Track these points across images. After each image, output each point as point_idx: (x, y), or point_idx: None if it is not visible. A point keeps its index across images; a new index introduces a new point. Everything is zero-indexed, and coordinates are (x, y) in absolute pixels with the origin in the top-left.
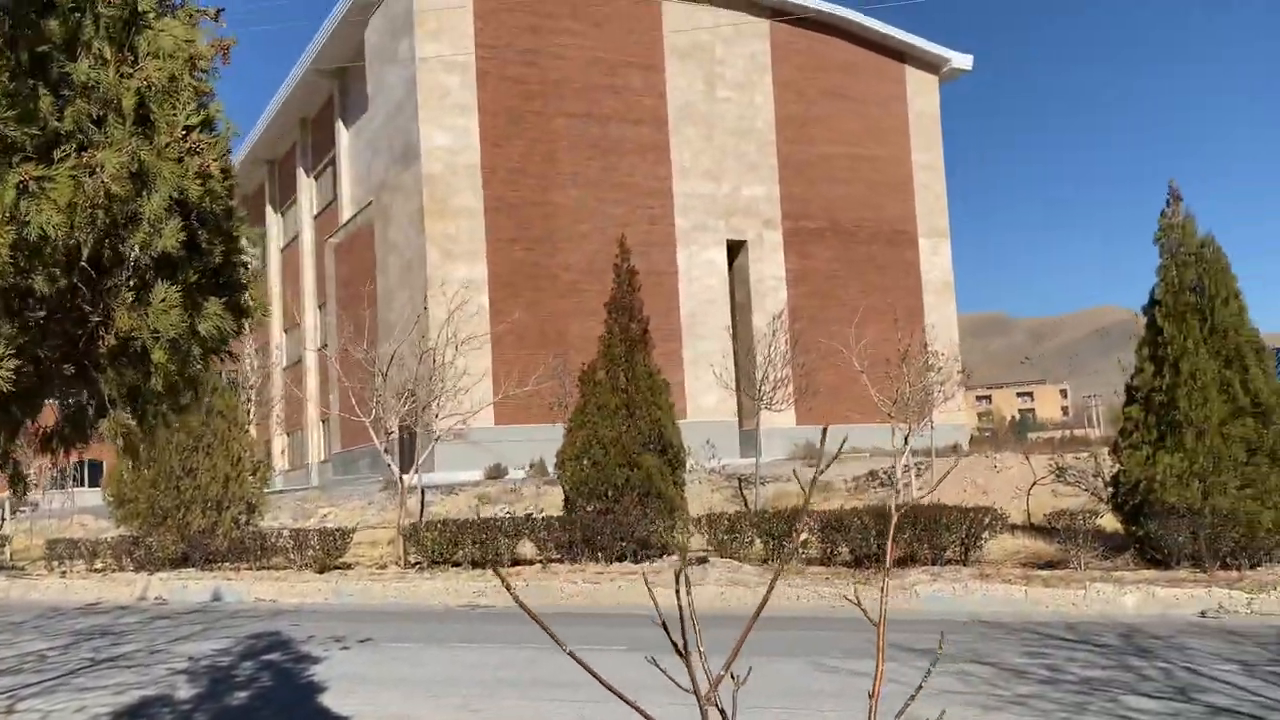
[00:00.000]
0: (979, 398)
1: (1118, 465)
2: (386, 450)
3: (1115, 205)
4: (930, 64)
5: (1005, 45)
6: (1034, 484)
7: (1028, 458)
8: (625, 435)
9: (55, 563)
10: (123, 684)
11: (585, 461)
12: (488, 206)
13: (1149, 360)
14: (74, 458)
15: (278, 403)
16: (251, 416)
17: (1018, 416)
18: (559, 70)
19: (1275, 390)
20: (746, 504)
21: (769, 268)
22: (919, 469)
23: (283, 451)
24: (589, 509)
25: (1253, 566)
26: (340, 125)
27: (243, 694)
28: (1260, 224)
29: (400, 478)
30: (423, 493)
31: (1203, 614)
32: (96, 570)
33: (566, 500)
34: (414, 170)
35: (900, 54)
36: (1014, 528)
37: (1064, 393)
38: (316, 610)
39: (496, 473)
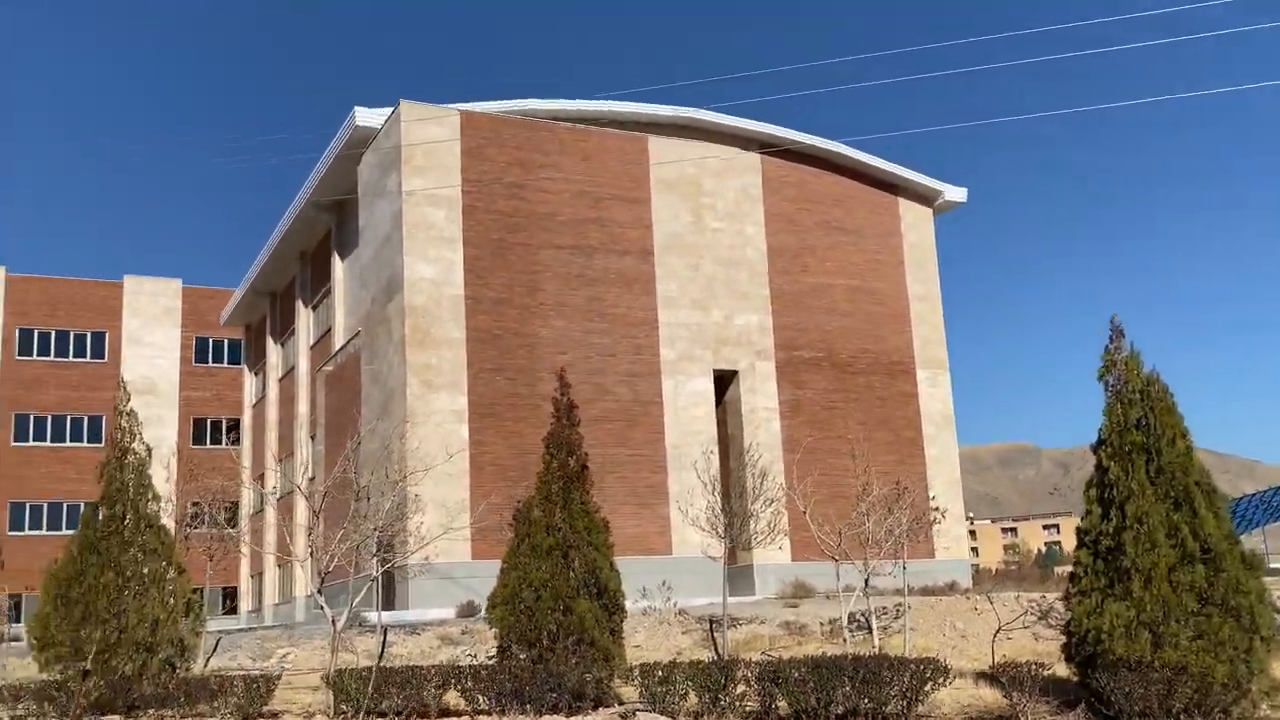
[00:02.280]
0: (1005, 530)
1: (1069, 614)
2: (320, 591)
3: (1140, 332)
4: (924, 196)
5: (1014, 177)
6: (998, 630)
7: (991, 601)
8: (558, 578)
9: None
10: None
11: (517, 606)
12: (470, 337)
13: (1096, 503)
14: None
15: (271, 534)
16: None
17: (1044, 549)
18: (545, 203)
19: (1226, 535)
20: (716, 648)
21: (761, 399)
22: (898, 611)
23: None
24: (522, 657)
25: None
26: (336, 258)
27: None
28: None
29: (332, 619)
30: (384, 632)
31: None
32: (18, 717)
33: (500, 647)
34: (398, 301)
35: (893, 186)
36: (980, 676)
37: None
38: None
39: (470, 610)
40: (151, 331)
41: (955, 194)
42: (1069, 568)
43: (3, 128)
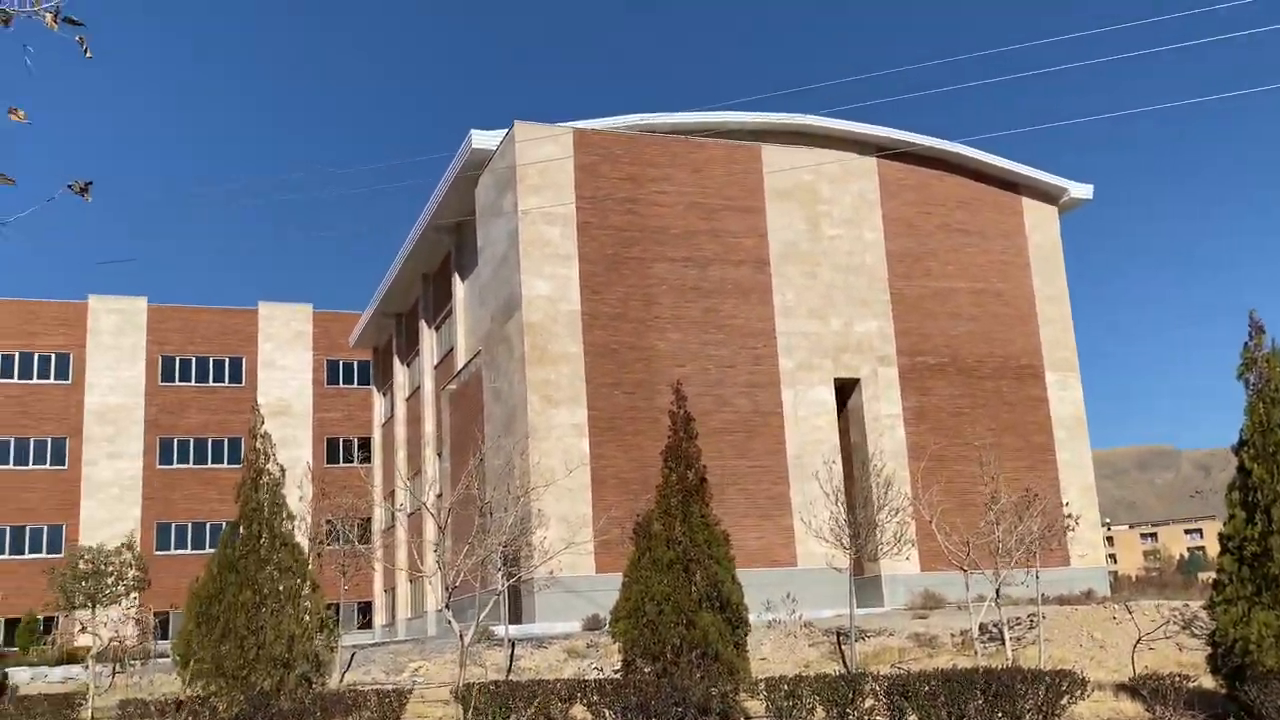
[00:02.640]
0: (1144, 535)
1: (1214, 623)
2: (449, 605)
3: None
4: (1048, 194)
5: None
6: (1139, 640)
7: (1130, 610)
8: (679, 591)
9: None
10: None
11: (640, 620)
12: (588, 352)
13: (1240, 506)
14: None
15: (402, 549)
16: (353, 566)
17: (1186, 555)
18: (658, 217)
19: None
20: (844, 661)
21: (885, 406)
22: (1031, 621)
23: (406, 600)
24: (646, 670)
25: None
26: (456, 278)
27: None
28: None
29: (460, 635)
30: (512, 646)
31: None
32: None
33: (624, 661)
34: (516, 319)
35: (1016, 186)
36: (1120, 688)
37: None
38: None
39: (595, 623)
40: (285, 355)
41: (1081, 191)
42: (1213, 574)
43: (134, 162)
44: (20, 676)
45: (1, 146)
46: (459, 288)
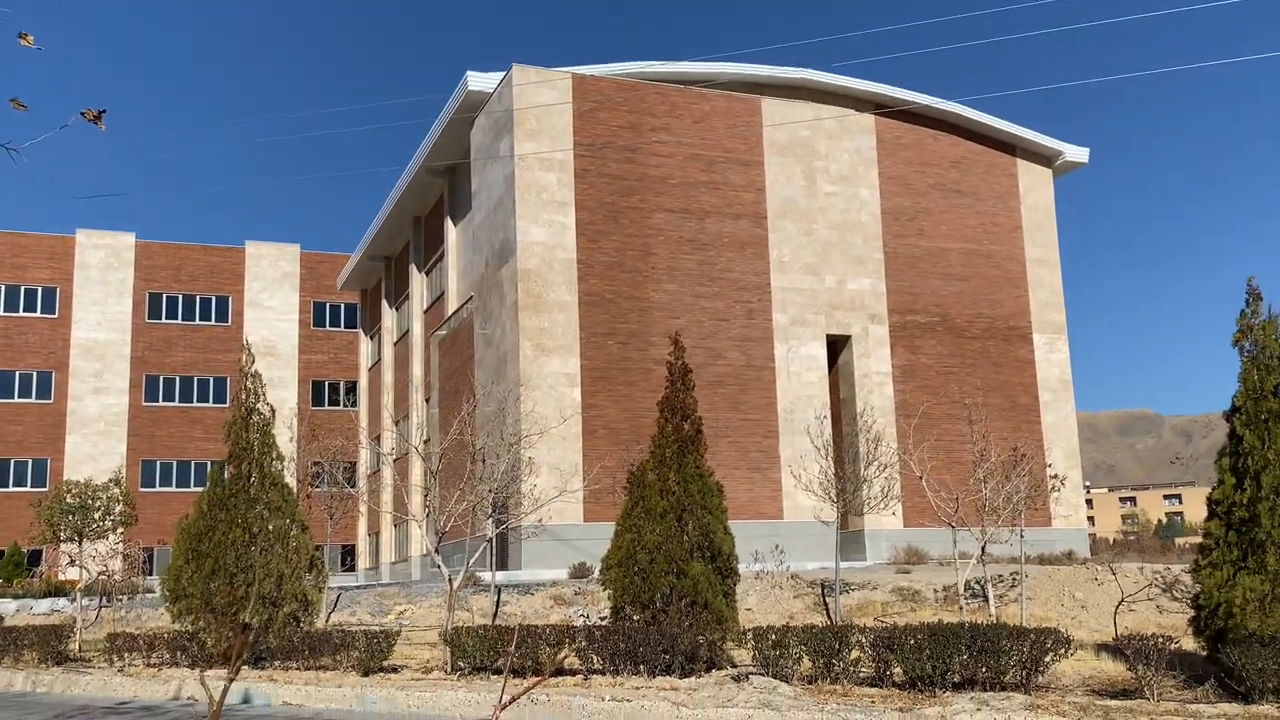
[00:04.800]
0: (1123, 499)
1: (1197, 586)
2: (437, 550)
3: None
4: (1043, 157)
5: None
6: (1121, 602)
7: (1113, 571)
8: (671, 541)
9: (115, 656)
10: None
11: (631, 568)
12: (582, 301)
13: (1229, 472)
14: (140, 544)
15: (387, 494)
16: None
17: (1164, 520)
18: (657, 166)
19: None
20: (829, 613)
21: (875, 363)
22: (1014, 580)
23: (389, 545)
24: (635, 618)
25: None
26: (449, 222)
27: None
28: None
29: (449, 579)
30: (498, 592)
31: None
32: (152, 665)
33: (613, 608)
34: (510, 265)
35: (1011, 147)
36: (1101, 648)
37: None
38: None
39: (582, 571)
40: (271, 296)
41: (1076, 154)
42: (1192, 539)
43: (129, 98)
44: (6, 608)
45: (11, 72)
46: (451, 232)
